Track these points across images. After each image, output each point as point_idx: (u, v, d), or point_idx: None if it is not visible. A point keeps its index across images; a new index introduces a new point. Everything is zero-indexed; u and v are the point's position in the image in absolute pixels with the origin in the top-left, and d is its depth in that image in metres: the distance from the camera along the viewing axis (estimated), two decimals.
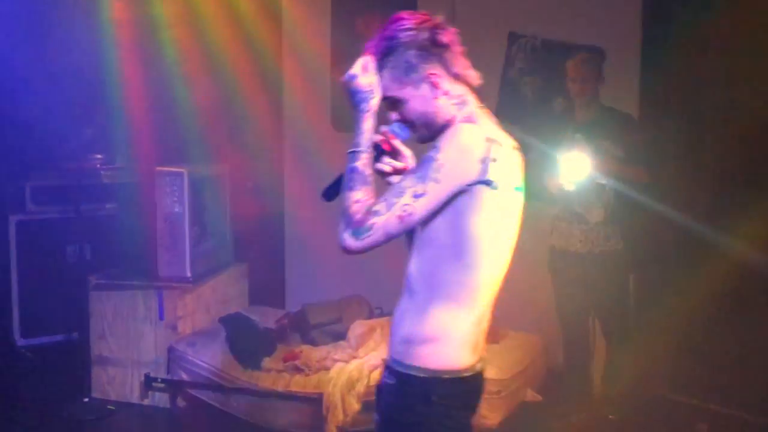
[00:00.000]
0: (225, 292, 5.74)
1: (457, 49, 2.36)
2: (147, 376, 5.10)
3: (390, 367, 2.38)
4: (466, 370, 2.37)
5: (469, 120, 2.32)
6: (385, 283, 5.72)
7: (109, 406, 5.16)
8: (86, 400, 5.20)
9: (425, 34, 2.31)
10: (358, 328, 5.08)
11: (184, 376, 5.04)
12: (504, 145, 2.31)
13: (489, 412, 4.46)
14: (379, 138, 2.43)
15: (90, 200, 5.60)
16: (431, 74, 2.32)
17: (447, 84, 2.34)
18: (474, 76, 2.38)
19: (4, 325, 5.63)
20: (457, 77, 2.36)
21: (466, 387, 2.39)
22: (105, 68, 5.59)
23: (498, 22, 5.65)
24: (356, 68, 2.35)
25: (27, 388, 5.36)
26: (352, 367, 4.71)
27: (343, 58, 5.93)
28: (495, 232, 2.32)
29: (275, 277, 6.16)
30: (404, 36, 2.31)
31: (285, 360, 4.95)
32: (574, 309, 4.77)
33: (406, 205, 2.23)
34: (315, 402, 4.65)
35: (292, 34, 6.05)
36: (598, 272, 4.63)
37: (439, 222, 2.29)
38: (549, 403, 4.84)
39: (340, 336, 5.15)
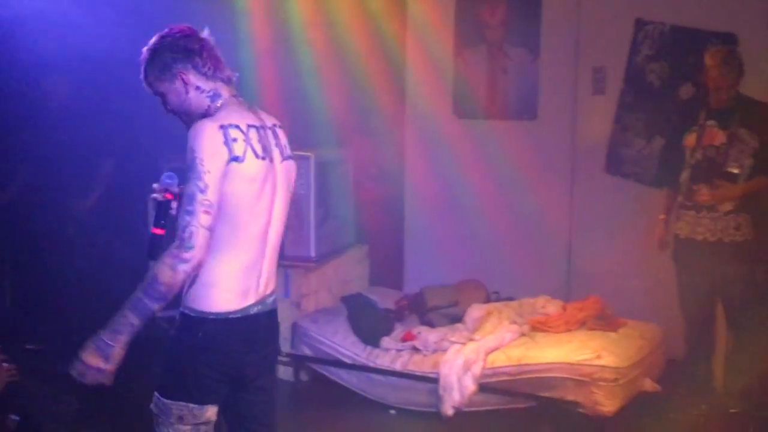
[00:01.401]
0: (346, 272, 5.92)
1: (209, 52, 2.84)
2: None
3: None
4: (233, 312, 2.77)
5: (208, 113, 2.79)
6: (502, 268, 5.84)
7: None
8: None
9: (179, 42, 2.82)
10: (474, 311, 5.17)
11: (307, 351, 5.26)
12: (243, 125, 2.76)
13: (606, 399, 4.47)
14: (159, 196, 2.86)
15: None
16: (181, 73, 2.80)
17: (198, 80, 2.82)
18: (227, 73, 2.86)
19: None
20: (208, 75, 2.82)
21: (231, 326, 2.78)
22: (237, 56, 5.83)
23: (624, 8, 5.59)
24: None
25: (161, 354, 5.67)
26: (469, 349, 4.80)
27: (467, 45, 6.06)
28: (248, 195, 2.75)
29: (394, 259, 6.30)
30: (163, 42, 2.83)
31: (403, 340, 5.09)
32: (697, 299, 4.68)
33: (203, 200, 2.64)
34: (431, 381, 4.77)
35: (416, 20, 6.13)
36: (726, 262, 4.51)
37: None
38: (668, 394, 4.78)
39: (457, 318, 5.25)
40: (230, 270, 2.77)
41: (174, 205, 2.81)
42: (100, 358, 2.68)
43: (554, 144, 5.85)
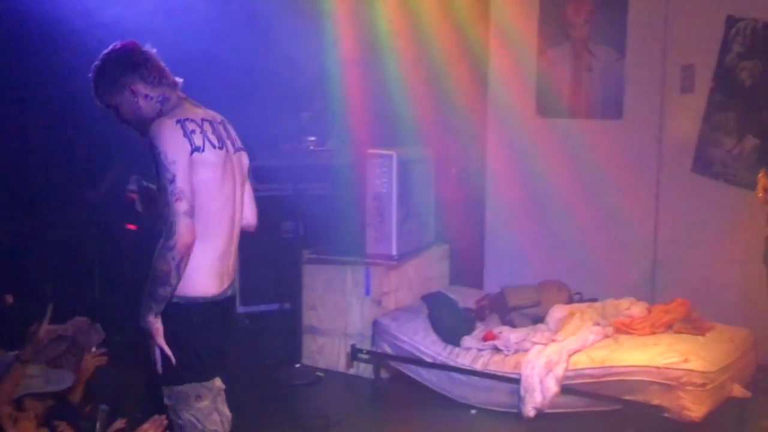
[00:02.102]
0: (427, 270, 5.94)
1: (152, 63, 3.09)
2: (353, 347, 5.39)
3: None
4: (217, 296, 3.10)
5: (162, 114, 3.04)
6: (585, 269, 5.77)
7: (317, 373, 5.51)
8: (297, 366, 5.58)
9: (123, 56, 3.08)
10: (557, 311, 5.12)
11: (388, 349, 5.29)
12: (197, 119, 3.05)
13: (693, 404, 4.37)
14: (132, 195, 3.23)
15: (305, 180, 5.96)
16: (129, 84, 3.05)
17: (146, 89, 3.06)
18: (171, 79, 3.11)
19: None
20: (155, 83, 3.07)
21: (217, 308, 3.10)
22: (322, 55, 5.92)
23: (715, 5, 5.46)
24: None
25: (244, 351, 5.78)
26: (551, 350, 4.75)
27: (551, 43, 6.00)
28: (213, 183, 3.03)
29: (475, 258, 6.28)
30: (109, 58, 3.09)
31: (484, 339, 5.07)
32: None
33: (173, 190, 2.91)
34: (513, 382, 4.74)
35: (500, 19, 6.10)
36: None
37: None
38: (758, 401, 4.65)
39: (539, 319, 5.21)
40: (210, 257, 3.05)
41: (137, 203, 3.22)
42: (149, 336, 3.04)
43: (640, 143, 5.75)
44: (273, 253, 5.99)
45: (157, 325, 2.98)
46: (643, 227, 5.77)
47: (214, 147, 3.05)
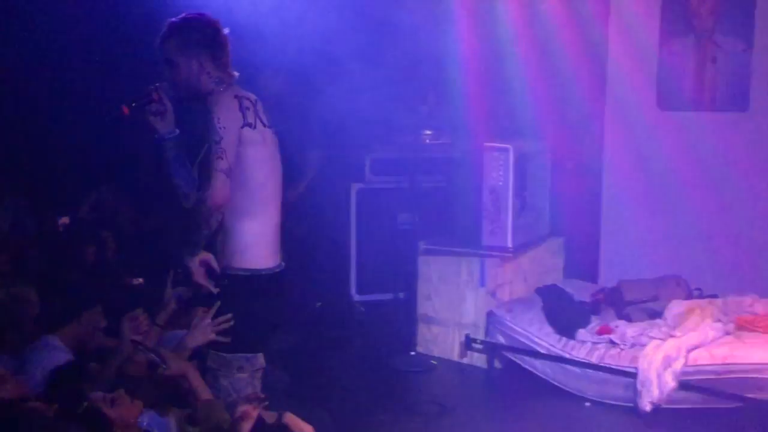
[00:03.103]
0: (542, 263, 5.95)
1: (226, 49, 3.34)
2: (467, 337, 5.46)
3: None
4: (271, 268, 3.35)
5: (221, 91, 3.30)
6: (705, 264, 5.65)
7: (432, 361, 5.61)
8: (412, 353, 5.69)
9: (210, 29, 3.30)
10: (675, 307, 5.05)
11: (501, 340, 5.33)
12: (251, 98, 3.34)
13: None
14: (152, 88, 3.31)
15: (422, 172, 6.06)
16: (200, 56, 3.29)
17: (210, 68, 3.31)
18: (231, 71, 3.36)
19: (343, 280, 6.30)
20: (219, 66, 3.33)
21: (272, 281, 3.33)
22: (441, 49, 5.99)
23: None
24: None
25: (360, 338, 5.96)
26: (669, 346, 4.70)
27: (673, 34, 5.88)
28: (262, 158, 3.29)
29: (590, 252, 6.23)
30: (198, 22, 3.30)
31: (600, 333, 5.06)
32: None
33: (217, 149, 3.17)
34: (629, 376, 4.71)
35: (620, 9, 6.00)
36: None
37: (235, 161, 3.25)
38: None
39: (657, 314, 5.15)
40: (262, 230, 3.29)
41: (154, 105, 3.31)
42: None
43: (767, 136, 5.58)
44: (389, 243, 6.13)
45: (194, 267, 3.25)
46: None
47: (264, 126, 3.34)
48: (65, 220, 5.52)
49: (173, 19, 3.34)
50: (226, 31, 3.38)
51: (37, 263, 4.98)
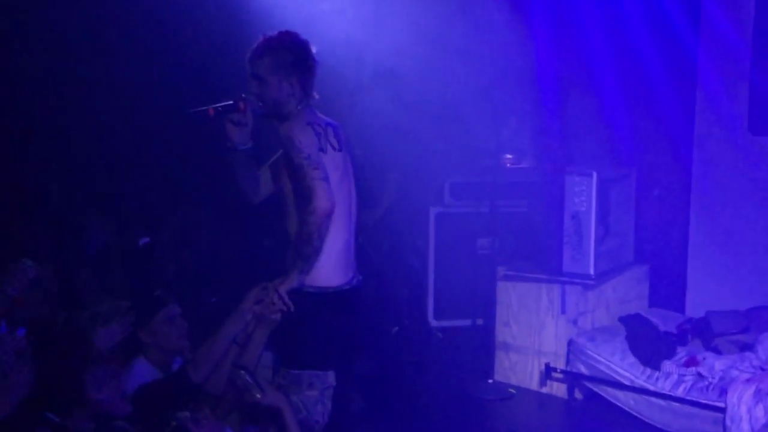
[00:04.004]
0: (625, 291, 5.78)
1: (314, 73, 3.43)
2: (547, 366, 5.34)
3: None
4: (341, 285, 3.42)
5: (297, 115, 3.38)
6: None
7: (509, 389, 5.50)
8: (490, 381, 5.59)
9: (303, 53, 3.39)
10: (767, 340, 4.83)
11: (583, 370, 5.19)
12: (321, 124, 3.40)
13: None
14: (240, 98, 3.37)
15: (502, 197, 5.99)
16: (291, 77, 3.36)
17: (298, 89, 3.39)
18: (313, 93, 3.45)
19: (420, 305, 6.25)
20: (306, 88, 3.41)
21: (343, 299, 3.40)
22: (522, 72, 5.94)
23: None
24: None
25: (437, 364, 5.89)
26: (761, 380, 4.49)
27: (765, 56, 5.67)
28: (334, 180, 3.34)
29: (677, 281, 6.03)
30: (289, 45, 3.37)
31: (686, 365, 4.88)
32: None
33: (308, 164, 3.27)
34: (717, 410, 4.53)
35: (710, 28, 5.81)
36: None
37: None
38: None
39: (747, 347, 4.95)
40: (333, 249, 3.33)
41: (240, 114, 3.37)
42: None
43: None
44: (468, 268, 6.06)
45: (295, 282, 3.32)
46: None
47: (334, 149, 3.42)
48: (146, 239, 5.66)
49: (267, 37, 3.39)
50: (314, 50, 3.44)
51: (120, 282, 5.11)
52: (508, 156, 6.40)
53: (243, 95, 3.39)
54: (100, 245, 5.87)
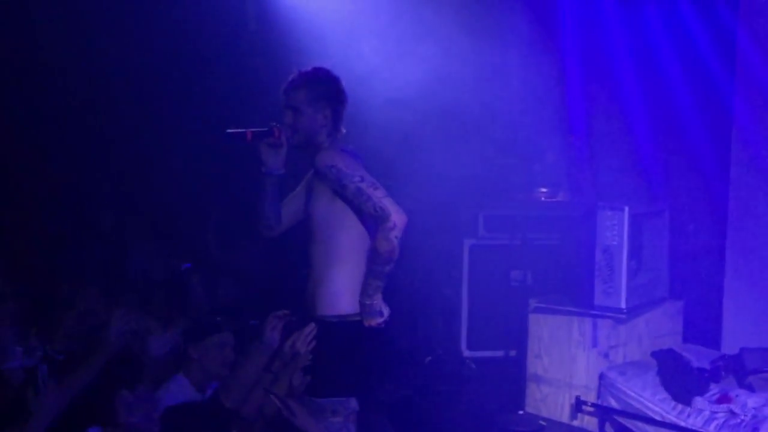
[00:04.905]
0: (658, 326, 5.76)
1: (345, 107, 3.57)
2: (578, 399, 5.33)
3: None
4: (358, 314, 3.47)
5: (329, 147, 3.51)
6: None
7: (540, 422, 5.49)
8: (521, 413, 5.60)
9: (340, 87, 3.55)
10: None
11: (613, 404, 5.18)
12: (352, 153, 3.52)
13: None
14: (275, 126, 3.50)
15: (535, 230, 6.03)
16: (326, 109, 3.50)
17: (330, 122, 3.52)
18: (342, 128, 3.58)
19: (454, 335, 6.31)
20: (337, 122, 3.55)
21: (361, 328, 3.43)
22: (557, 106, 6.00)
23: None
24: None
25: (469, 395, 5.91)
26: None
27: None
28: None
29: (712, 317, 5.99)
30: (327, 78, 3.54)
31: (719, 402, 4.84)
32: None
33: (366, 185, 3.37)
34: None
35: (746, 65, 5.81)
36: None
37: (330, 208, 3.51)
38: None
39: None
40: (353, 277, 3.38)
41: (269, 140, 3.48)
42: (377, 314, 3.44)
43: None
44: (501, 300, 6.10)
45: (381, 305, 3.40)
46: None
47: (363, 167, 3.49)
48: (188, 265, 5.82)
49: (303, 70, 3.53)
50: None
51: (162, 304, 5.26)
52: (543, 189, 6.45)
53: (275, 124, 3.52)
54: (143, 270, 6.05)
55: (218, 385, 3.94)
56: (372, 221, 3.37)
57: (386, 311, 3.44)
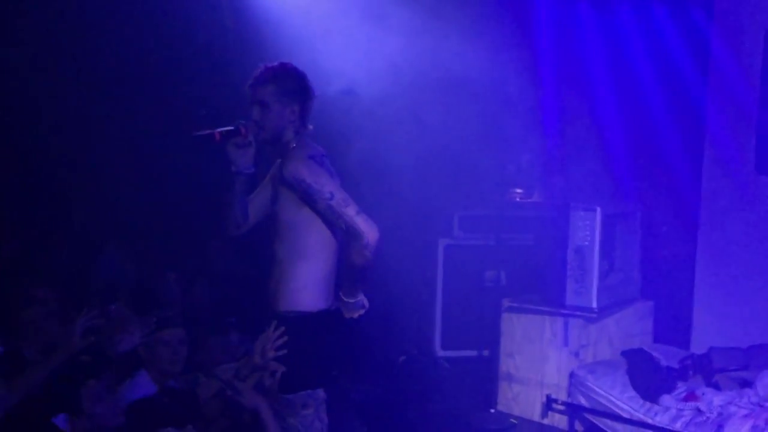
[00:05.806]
0: (629, 326, 5.82)
1: (313, 102, 3.52)
2: (548, 397, 5.39)
3: None
4: (327, 309, 3.48)
5: (297, 150, 3.45)
6: None
7: (512, 420, 5.55)
8: (492, 411, 5.65)
9: (307, 83, 3.50)
10: (767, 377, 4.85)
11: (583, 402, 5.24)
12: (320, 155, 3.46)
13: None
14: (242, 123, 3.43)
15: (509, 230, 6.08)
16: (294, 105, 3.45)
17: (298, 118, 3.47)
18: (309, 124, 3.53)
19: (427, 335, 6.34)
20: (305, 118, 3.51)
21: (331, 320, 3.47)
22: (532, 107, 6.06)
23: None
24: None
25: (441, 393, 5.94)
26: (758, 416, 4.51)
27: None
28: None
29: (682, 317, 6.07)
30: (295, 74, 3.48)
31: (685, 400, 4.91)
32: None
33: (338, 201, 3.33)
34: None
35: (719, 70, 5.88)
36: None
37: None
38: None
39: (747, 383, 4.96)
40: (320, 274, 3.41)
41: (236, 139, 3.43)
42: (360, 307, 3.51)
43: None
44: (475, 300, 6.14)
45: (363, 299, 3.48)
46: None
47: (332, 177, 3.48)
48: (172, 275, 5.80)
49: (270, 65, 3.48)
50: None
51: (129, 303, 5.25)
52: (518, 190, 6.50)
53: (242, 121, 3.48)
54: (113, 271, 6.04)
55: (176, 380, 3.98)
56: (343, 236, 3.38)
57: (366, 302, 3.49)
